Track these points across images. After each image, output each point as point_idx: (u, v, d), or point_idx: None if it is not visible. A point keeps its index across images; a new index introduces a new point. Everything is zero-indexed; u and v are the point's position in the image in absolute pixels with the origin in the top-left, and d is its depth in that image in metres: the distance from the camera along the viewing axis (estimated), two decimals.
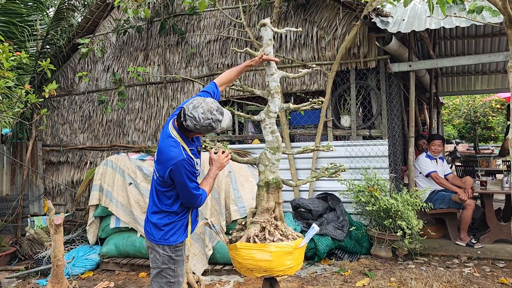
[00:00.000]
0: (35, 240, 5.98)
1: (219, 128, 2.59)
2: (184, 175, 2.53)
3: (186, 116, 2.50)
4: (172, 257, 2.69)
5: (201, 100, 2.53)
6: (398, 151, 5.96)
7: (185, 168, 2.52)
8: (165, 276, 2.69)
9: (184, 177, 2.53)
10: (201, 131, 2.54)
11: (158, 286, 2.70)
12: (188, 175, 2.54)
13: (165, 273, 2.69)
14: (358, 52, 5.54)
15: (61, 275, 4.07)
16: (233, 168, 5.20)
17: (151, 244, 2.72)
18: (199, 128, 2.50)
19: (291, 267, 2.86)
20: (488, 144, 16.62)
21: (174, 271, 2.71)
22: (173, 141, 2.57)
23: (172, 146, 2.55)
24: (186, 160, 2.53)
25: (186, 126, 2.52)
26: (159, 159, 2.61)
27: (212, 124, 2.50)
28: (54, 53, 7.27)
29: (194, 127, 2.50)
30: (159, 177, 2.65)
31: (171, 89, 6.69)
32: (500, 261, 4.79)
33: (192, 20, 6.56)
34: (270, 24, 2.93)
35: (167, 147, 2.56)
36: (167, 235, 2.66)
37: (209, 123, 2.49)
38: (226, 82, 3.01)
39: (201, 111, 2.48)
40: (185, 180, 2.54)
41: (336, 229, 5.09)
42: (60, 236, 4.06)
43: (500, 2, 2.88)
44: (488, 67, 9.54)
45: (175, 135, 2.59)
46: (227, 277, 4.72)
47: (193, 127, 2.50)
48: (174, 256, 2.70)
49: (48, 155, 7.54)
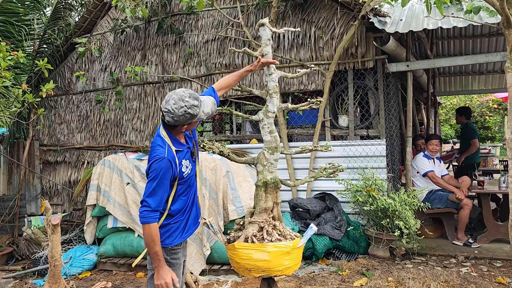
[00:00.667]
0: (32, 240, 5.96)
1: (202, 114, 2.53)
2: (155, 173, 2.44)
3: (163, 113, 2.48)
4: (168, 260, 2.59)
5: (171, 93, 2.51)
6: (395, 151, 5.98)
7: (160, 170, 2.44)
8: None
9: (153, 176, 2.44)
10: (181, 121, 2.48)
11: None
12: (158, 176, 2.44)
13: None
14: (356, 52, 5.55)
15: (58, 275, 4.06)
16: (231, 168, 5.19)
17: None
18: (177, 119, 2.46)
19: (289, 267, 2.86)
20: (485, 144, 16.68)
21: None
22: (160, 140, 2.55)
23: (158, 145, 2.52)
24: (167, 160, 2.46)
25: (167, 122, 2.50)
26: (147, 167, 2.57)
27: (188, 111, 2.44)
28: (51, 52, 7.25)
29: (173, 120, 2.47)
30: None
31: (169, 88, 6.68)
32: (497, 261, 4.81)
33: (190, 20, 6.55)
34: (269, 24, 2.93)
35: (155, 146, 2.54)
36: (162, 237, 2.57)
37: (184, 111, 2.44)
38: (224, 87, 2.95)
39: (173, 102, 2.44)
40: (151, 179, 2.45)
41: (334, 228, 5.09)
42: (57, 236, 4.05)
43: (498, 3, 2.89)
44: (485, 67, 9.57)
45: (164, 134, 2.57)
46: (225, 277, 4.72)
47: (172, 121, 2.47)
48: (169, 259, 2.62)
49: (45, 154, 7.52)
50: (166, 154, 2.47)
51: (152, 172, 2.44)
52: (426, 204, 5.22)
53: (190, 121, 2.51)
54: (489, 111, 14.61)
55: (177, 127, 2.55)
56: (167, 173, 2.45)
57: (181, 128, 2.56)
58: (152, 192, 2.43)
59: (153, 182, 2.43)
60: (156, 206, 2.44)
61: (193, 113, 2.47)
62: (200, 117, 2.54)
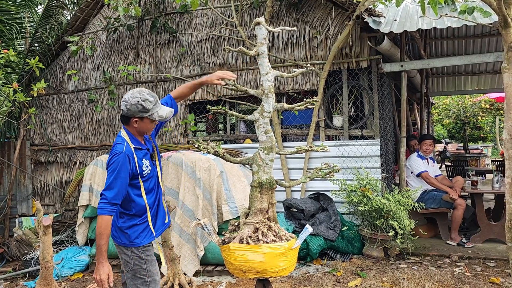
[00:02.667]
0: (23, 241, 5.88)
1: (155, 114, 2.67)
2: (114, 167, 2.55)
3: (121, 104, 2.69)
4: (142, 257, 2.72)
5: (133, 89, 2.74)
6: (389, 151, 5.98)
7: (118, 163, 2.55)
8: (139, 277, 2.72)
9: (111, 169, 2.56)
10: (132, 111, 2.62)
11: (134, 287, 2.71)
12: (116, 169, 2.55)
13: (139, 274, 2.72)
14: (350, 52, 5.54)
15: (50, 277, 4.00)
16: (225, 168, 5.16)
17: (120, 248, 2.75)
18: (129, 107, 2.62)
19: (285, 268, 2.84)
20: (478, 144, 16.79)
21: (147, 270, 2.74)
22: (120, 139, 2.70)
23: (118, 143, 2.67)
24: (124, 154, 2.59)
25: (121, 112, 2.69)
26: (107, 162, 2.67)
27: (141, 102, 2.61)
28: (42, 51, 7.16)
29: (126, 108, 2.64)
30: None
31: (162, 88, 6.63)
32: (491, 261, 4.82)
33: (184, 19, 6.50)
34: (265, 23, 2.90)
35: (115, 144, 2.68)
36: (131, 238, 2.70)
37: (137, 101, 2.61)
38: (179, 97, 3.09)
39: (130, 93, 2.67)
40: (110, 172, 2.56)
41: (328, 229, 5.08)
42: (49, 237, 3.99)
43: (495, 3, 2.89)
44: (477, 67, 9.63)
45: (124, 134, 2.72)
46: (219, 278, 4.69)
47: (125, 109, 2.64)
48: (143, 256, 2.73)
49: (36, 154, 7.43)
50: (124, 150, 2.61)
51: (111, 166, 2.57)
52: (420, 204, 5.23)
53: (141, 114, 2.64)
54: (482, 112, 14.70)
55: (130, 120, 2.68)
56: (124, 167, 2.57)
57: (133, 122, 2.68)
58: (110, 185, 2.53)
59: (111, 175, 2.55)
60: (112, 199, 2.52)
61: (146, 106, 2.63)
62: (152, 116, 2.67)
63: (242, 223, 2.96)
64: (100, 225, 2.49)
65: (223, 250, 2.90)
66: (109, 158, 2.61)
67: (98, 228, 2.50)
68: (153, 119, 2.70)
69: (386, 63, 5.55)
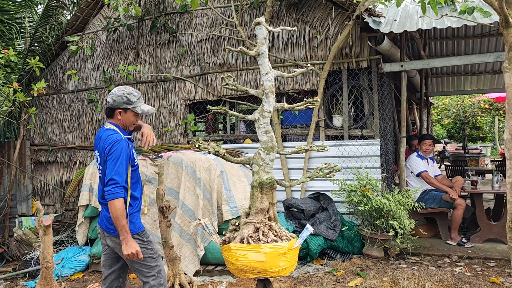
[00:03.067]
0: (23, 241, 5.88)
1: (138, 108, 2.91)
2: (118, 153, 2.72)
3: (107, 98, 2.93)
4: (144, 240, 2.92)
5: None
6: (389, 151, 5.99)
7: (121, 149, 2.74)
8: (147, 257, 2.90)
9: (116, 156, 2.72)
10: (118, 102, 2.85)
11: (146, 267, 2.89)
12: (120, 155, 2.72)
13: (147, 255, 2.89)
14: (350, 52, 5.55)
15: (50, 277, 4.00)
16: (225, 167, 5.16)
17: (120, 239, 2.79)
18: (115, 99, 2.85)
19: (285, 268, 2.84)
20: (477, 144, 16.81)
21: (152, 249, 2.95)
22: (111, 130, 2.86)
23: (112, 134, 2.83)
24: (125, 141, 2.81)
25: (107, 104, 2.90)
26: (101, 147, 2.83)
27: (126, 95, 2.86)
28: (42, 51, 7.16)
29: (112, 100, 2.87)
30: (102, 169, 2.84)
31: (162, 88, 6.63)
32: (491, 260, 4.83)
33: (184, 19, 6.50)
34: (265, 23, 2.90)
35: (108, 134, 2.82)
36: (131, 226, 2.84)
37: (123, 93, 2.86)
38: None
39: (117, 88, 2.92)
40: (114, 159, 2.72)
41: (328, 229, 5.09)
42: (49, 237, 3.99)
43: (497, 2, 2.89)
44: (477, 67, 9.64)
45: (110, 126, 2.91)
46: (219, 278, 4.69)
47: (111, 101, 2.87)
48: (145, 239, 2.93)
49: (36, 154, 7.43)
50: (122, 137, 2.83)
51: (114, 152, 2.73)
52: (420, 204, 5.24)
53: (125, 106, 2.86)
54: (481, 112, 14.72)
55: (114, 112, 2.89)
56: (125, 152, 2.78)
57: (117, 113, 2.89)
58: (117, 170, 2.70)
59: (117, 161, 2.71)
60: (121, 182, 2.71)
61: (130, 98, 2.87)
62: (135, 108, 2.90)
63: (243, 223, 2.97)
64: (117, 208, 2.65)
65: (224, 250, 2.90)
66: (110, 146, 2.74)
67: (116, 212, 2.65)
68: (136, 111, 2.92)
69: (386, 63, 5.56)
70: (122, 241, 2.71)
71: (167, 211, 4.12)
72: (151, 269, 2.91)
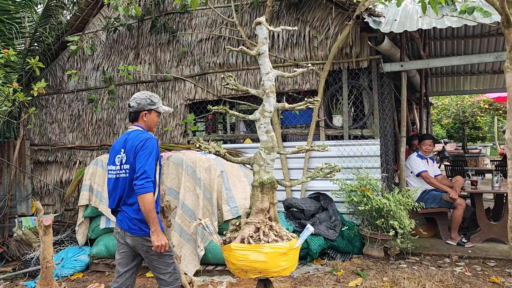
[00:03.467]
0: (23, 241, 5.87)
1: (160, 108, 3.11)
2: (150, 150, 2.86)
3: (130, 104, 3.08)
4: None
5: None
6: (389, 151, 5.99)
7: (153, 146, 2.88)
8: (165, 254, 2.98)
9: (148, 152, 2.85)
10: (142, 104, 3.04)
11: (164, 264, 2.99)
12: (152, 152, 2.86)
13: (165, 253, 2.96)
14: (351, 51, 5.55)
15: (50, 277, 4.00)
16: (226, 167, 5.16)
17: (143, 238, 2.91)
18: (139, 102, 3.04)
19: (286, 268, 2.84)
20: (476, 144, 16.82)
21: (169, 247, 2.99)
22: (139, 130, 3.02)
23: (142, 133, 2.99)
24: (156, 139, 2.96)
25: (131, 108, 3.05)
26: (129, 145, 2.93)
27: (149, 97, 3.07)
28: (42, 50, 7.15)
29: (136, 103, 3.04)
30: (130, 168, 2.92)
31: (162, 88, 6.63)
32: (491, 260, 4.83)
33: (184, 19, 6.50)
34: (266, 23, 2.90)
35: (137, 134, 2.96)
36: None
37: (146, 96, 3.06)
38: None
39: (137, 93, 3.11)
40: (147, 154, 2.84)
41: (329, 228, 5.09)
42: (49, 237, 3.99)
43: (498, 2, 2.89)
44: (476, 67, 9.64)
45: (138, 128, 3.06)
46: (219, 278, 4.69)
47: (135, 104, 3.04)
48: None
49: (36, 154, 7.42)
50: (153, 135, 2.98)
51: (147, 148, 2.85)
52: (420, 204, 5.24)
53: (149, 107, 3.05)
54: (480, 111, 14.73)
55: (139, 115, 3.06)
56: (156, 149, 2.91)
57: (143, 115, 3.06)
58: (150, 164, 2.83)
59: (149, 157, 2.84)
60: (152, 176, 2.83)
61: (153, 100, 3.08)
62: (158, 108, 3.10)
63: (244, 223, 2.97)
64: (149, 201, 2.76)
65: (225, 250, 2.90)
66: (142, 142, 2.87)
67: (148, 205, 2.76)
68: (159, 111, 3.11)
69: (386, 63, 5.56)
70: (153, 233, 2.81)
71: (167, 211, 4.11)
72: (168, 266, 3.00)
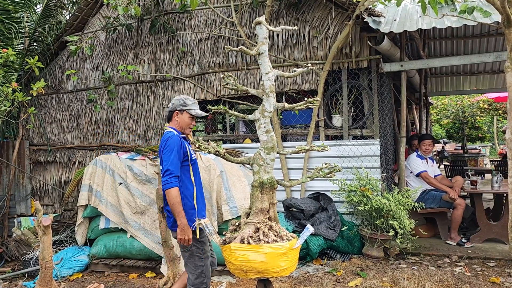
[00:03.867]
0: (22, 241, 5.86)
1: (193, 110, 3.25)
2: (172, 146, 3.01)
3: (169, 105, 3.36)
4: (198, 239, 3.10)
5: None
6: (389, 151, 5.98)
7: (174, 143, 3.03)
8: (196, 255, 3.11)
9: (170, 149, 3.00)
10: (175, 104, 3.25)
11: (193, 264, 3.11)
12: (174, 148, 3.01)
13: (196, 253, 3.11)
14: (350, 51, 5.54)
15: (49, 277, 3.99)
16: (225, 167, 5.15)
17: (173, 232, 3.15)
18: (173, 102, 3.27)
19: (286, 268, 2.83)
20: (476, 144, 16.82)
21: (201, 249, 3.14)
22: (169, 132, 3.19)
23: (166, 133, 3.17)
24: (177, 136, 3.11)
25: (169, 108, 3.29)
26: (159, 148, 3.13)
27: (183, 99, 3.26)
28: (41, 50, 7.14)
29: (171, 104, 3.28)
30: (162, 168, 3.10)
31: (162, 87, 6.62)
32: (491, 260, 4.83)
33: (183, 19, 6.49)
34: (265, 23, 2.89)
35: (163, 136, 3.16)
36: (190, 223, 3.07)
37: (180, 98, 3.27)
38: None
39: (175, 97, 3.34)
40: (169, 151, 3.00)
41: (328, 229, 5.08)
42: (48, 238, 3.98)
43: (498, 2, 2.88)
44: (476, 67, 9.64)
45: (169, 129, 3.23)
46: (219, 278, 4.68)
47: (171, 105, 3.29)
48: (199, 238, 3.11)
49: (35, 154, 7.41)
50: (176, 134, 3.14)
51: (169, 146, 3.02)
52: (420, 204, 5.23)
53: (181, 107, 3.22)
54: (480, 111, 14.72)
55: (172, 115, 3.25)
56: (177, 145, 3.04)
57: (175, 115, 3.24)
58: (172, 161, 2.97)
59: (171, 153, 3.00)
60: (176, 172, 2.97)
61: (186, 102, 3.25)
62: (190, 110, 3.24)
63: (243, 223, 2.96)
64: (173, 196, 2.91)
65: (224, 250, 2.90)
66: (165, 142, 3.05)
67: (173, 199, 2.91)
68: (191, 113, 3.24)
69: (386, 63, 5.55)
70: (178, 226, 2.94)
71: None
72: (196, 268, 3.10)
